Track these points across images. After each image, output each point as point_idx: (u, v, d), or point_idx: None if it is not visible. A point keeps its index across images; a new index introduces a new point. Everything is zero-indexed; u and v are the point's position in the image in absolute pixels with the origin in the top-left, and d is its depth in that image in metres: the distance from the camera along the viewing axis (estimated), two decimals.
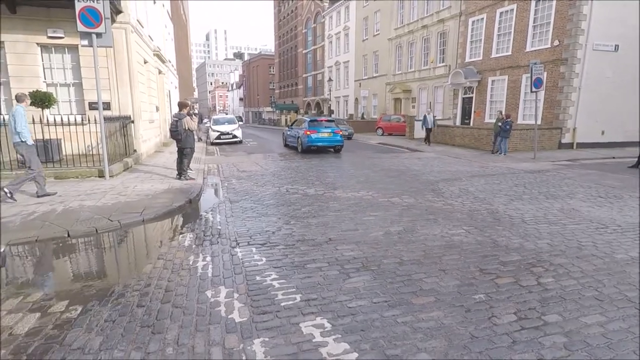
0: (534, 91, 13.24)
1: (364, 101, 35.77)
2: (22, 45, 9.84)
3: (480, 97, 20.61)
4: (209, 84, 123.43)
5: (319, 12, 45.12)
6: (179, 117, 8.65)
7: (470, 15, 20.81)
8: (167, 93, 19.91)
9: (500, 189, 8.10)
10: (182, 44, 40.04)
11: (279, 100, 62.97)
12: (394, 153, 15.78)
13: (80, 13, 7.35)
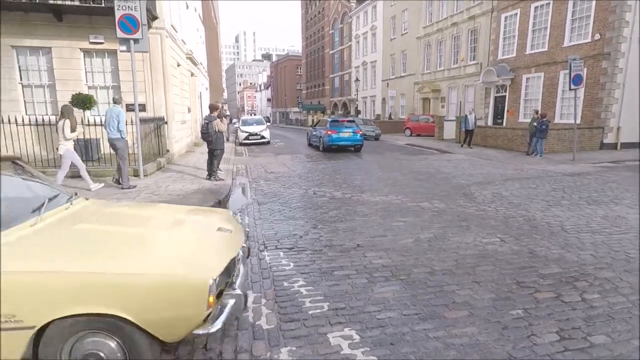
0: (573, 88, 12.62)
1: (391, 101, 35.33)
2: (67, 50, 10.35)
3: (513, 96, 19.89)
4: (238, 84, 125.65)
5: (346, 12, 44.92)
6: (210, 119, 8.83)
7: (503, 10, 20.11)
8: (198, 94, 20.40)
9: (537, 193, 7.76)
10: (213, 46, 40.93)
11: (305, 100, 63.23)
12: (422, 155, 15.49)
13: (120, 20, 7.63)
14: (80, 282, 2.02)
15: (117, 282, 2.05)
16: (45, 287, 1.99)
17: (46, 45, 10.23)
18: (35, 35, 10.06)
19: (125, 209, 3.54)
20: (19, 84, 10.33)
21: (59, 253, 2.20)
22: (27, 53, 10.32)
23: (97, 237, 2.49)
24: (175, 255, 2.39)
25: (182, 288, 2.11)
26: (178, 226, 3.03)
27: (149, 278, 2.09)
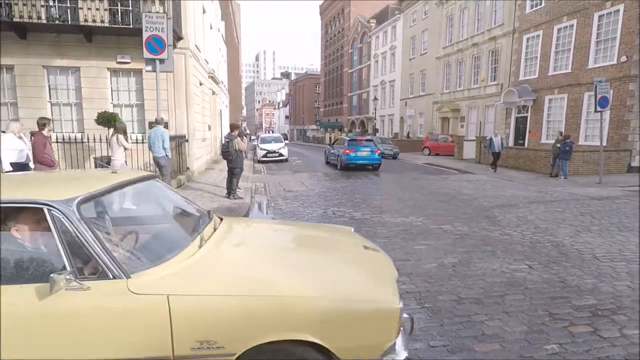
0: (599, 110, 12.30)
1: (409, 120, 35.27)
2: (95, 70, 10.73)
3: (535, 117, 19.56)
4: (257, 102, 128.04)
5: (366, 32, 45.57)
6: (230, 138, 8.93)
7: (525, 32, 20.01)
8: (218, 112, 20.82)
9: (564, 217, 7.48)
10: (234, 65, 42.00)
11: (323, 118, 63.81)
12: (442, 175, 15.27)
13: (147, 41, 7.86)
14: (282, 305, 1.93)
15: (317, 307, 1.96)
16: (248, 311, 1.90)
17: (75, 65, 10.63)
18: (66, 56, 10.49)
19: (268, 227, 3.46)
20: (48, 102, 10.72)
21: (247, 275, 2.13)
22: (57, 72, 10.73)
23: (271, 257, 2.44)
24: (357, 279, 2.30)
25: (377, 314, 2.03)
26: (333, 246, 2.90)
27: (347, 303, 2.00)
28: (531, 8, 19.68)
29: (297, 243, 2.92)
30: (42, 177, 2.91)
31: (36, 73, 10.43)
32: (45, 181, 2.61)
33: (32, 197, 2.03)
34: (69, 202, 2.00)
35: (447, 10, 27.56)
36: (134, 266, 1.99)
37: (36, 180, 2.67)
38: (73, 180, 2.65)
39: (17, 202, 2.04)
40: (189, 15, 11.96)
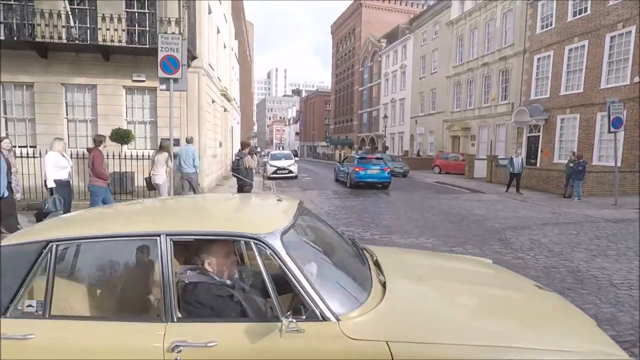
0: (613, 131, 12.14)
1: (419, 138, 35.26)
2: (111, 87, 11.02)
3: (547, 136, 19.39)
4: (268, 118, 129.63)
5: (376, 51, 46.16)
6: (241, 155, 9.02)
7: (535, 52, 20.05)
8: (230, 129, 21.09)
9: (579, 241, 7.30)
10: (246, 82, 42.77)
11: (333, 135, 64.19)
12: (453, 194, 15.12)
13: (162, 61, 8.05)
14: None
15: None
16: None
17: (92, 82, 10.94)
18: (84, 74, 10.81)
19: (416, 259, 3.25)
20: (64, 118, 10.99)
21: (467, 321, 2.00)
22: (74, 90, 11.04)
23: (467, 298, 2.27)
24: (578, 328, 2.10)
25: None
26: (510, 285, 2.66)
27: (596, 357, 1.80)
28: (542, 29, 19.76)
29: (474, 281, 2.63)
30: (225, 208, 2.75)
31: (55, 90, 10.74)
32: (234, 211, 2.58)
33: (238, 230, 1.97)
34: (274, 234, 1.91)
35: (457, 31, 27.82)
36: (337, 306, 1.83)
37: (224, 211, 2.60)
38: (259, 209, 2.61)
39: (224, 234, 1.99)
40: (204, 35, 12.27)
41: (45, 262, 1.89)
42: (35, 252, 1.91)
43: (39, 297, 1.87)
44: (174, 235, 1.95)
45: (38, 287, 1.90)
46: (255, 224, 2.06)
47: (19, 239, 2.09)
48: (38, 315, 1.85)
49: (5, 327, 1.78)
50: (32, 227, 2.35)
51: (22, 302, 1.86)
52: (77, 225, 2.25)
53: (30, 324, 1.81)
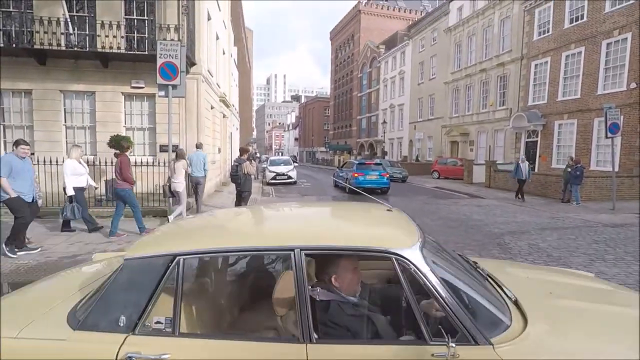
0: (610, 137, 12.19)
1: (418, 143, 35.35)
2: (110, 94, 11.04)
3: (545, 142, 19.46)
4: (267, 124, 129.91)
5: (375, 57, 46.42)
6: (239, 162, 9.02)
7: (533, 58, 20.18)
8: (229, 135, 21.13)
9: (577, 245, 7.30)
10: (245, 88, 42.92)
11: (332, 140, 64.33)
12: (452, 199, 15.13)
13: (161, 68, 8.09)
14: None
15: None
16: None
17: (91, 89, 10.95)
18: (82, 81, 10.82)
19: (528, 271, 2.97)
20: (63, 125, 11.00)
21: None
22: (73, 97, 11.05)
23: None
24: None
25: None
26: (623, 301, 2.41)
27: None
28: (539, 35, 19.92)
29: (602, 299, 2.36)
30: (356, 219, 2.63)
31: (53, 97, 10.76)
32: (364, 225, 2.42)
33: (377, 245, 1.84)
34: (414, 249, 1.80)
35: (455, 37, 28.02)
36: (487, 329, 1.68)
37: (353, 224, 2.46)
38: (386, 222, 2.42)
39: (363, 250, 1.87)
40: (203, 41, 12.33)
41: (172, 277, 1.80)
42: (162, 266, 1.81)
43: (167, 313, 1.77)
44: (308, 250, 1.83)
45: (165, 303, 1.80)
46: (394, 238, 1.95)
47: (142, 251, 1.96)
48: (167, 332, 1.75)
49: (135, 345, 1.69)
50: (152, 239, 2.23)
51: (150, 318, 1.77)
52: (203, 238, 2.11)
53: (160, 343, 1.71)
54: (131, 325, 1.74)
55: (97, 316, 1.78)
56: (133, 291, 1.80)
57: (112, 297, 1.81)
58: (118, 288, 1.82)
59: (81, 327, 1.77)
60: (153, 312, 1.78)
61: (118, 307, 1.77)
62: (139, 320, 1.74)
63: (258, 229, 2.30)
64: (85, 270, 2.87)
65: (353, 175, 16.19)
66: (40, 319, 1.91)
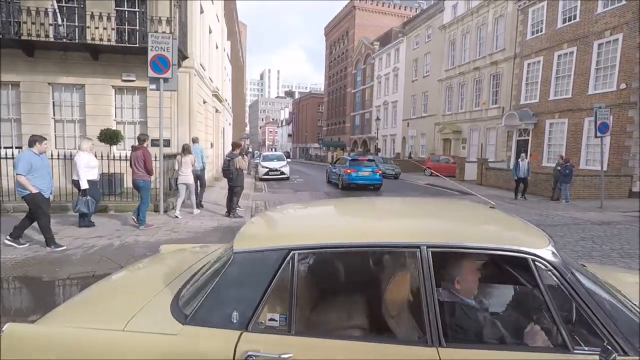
0: (599, 136, 12.35)
1: (411, 140, 35.48)
2: (100, 87, 10.90)
3: (536, 140, 19.65)
4: (261, 120, 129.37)
5: (369, 54, 46.39)
6: (232, 156, 8.96)
7: (526, 57, 20.31)
8: (221, 130, 20.99)
9: (565, 242, 7.40)
10: (238, 83, 42.67)
11: (326, 137, 64.31)
12: (443, 196, 15.23)
13: (152, 61, 8.02)
14: None
15: None
16: None
17: (80, 82, 10.81)
18: (72, 73, 10.67)
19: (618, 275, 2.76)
20: (51, 119, 10.83)
21: None
22: (61, 89, 10.89)
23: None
24: None
25: None
26: None
27: None
28: (532, 34, 20.04)
29: None
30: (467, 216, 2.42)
31: (41, 90, 10.59)
32: (488, 222, 2.21)
33: (511, 245, 1.71)
34: (550, 250, 1.68)
35: (449, 35, 28.09)
36: (629, 336, 1.58)
37: (477, 221, 2.26)
38: (506, 219, 2.24)
39: (496, 249, 1.74)
40: (195, 35, 12.20)
41: (286, 272, 1.72)
42: (275, 261, 1.73)
43: (278, 310, 1.72)
44: (436, 248, 1.72)
45: (277, 299, 1.74)
46: (527, 237, 1.82)
47: (252, 244, 1.86)
48: (282, 330, 1.68)
49: (252, 343, 1.62)
50: (263, 231, 2.13)
51: (263, 315, 1.70)
52: (318, 232, 1.98)
53: (276, 341, 1.64)
54: (244, 322, 1.66)
55: (207, 311, 1.71)
56: (245, 286, 1.73)
57: (223, 292, 1.74)
58: (229, 282, 1.75)
59: (191, 322, 1.71)
60: (266, 308, 1.71)
61: (230, 302, 1.71)
62: (252, 317, 1.67)
63: (375, 224, 2.15)
64: (164, 262, 2.87)
65: (346, 171, 16.22)
66: (142, 312, 1.84)
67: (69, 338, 1.75)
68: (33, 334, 1.80)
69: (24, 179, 5.48)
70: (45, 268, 5.06)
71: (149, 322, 1.78)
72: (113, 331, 1.73)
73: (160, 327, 1.72)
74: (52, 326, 1.85)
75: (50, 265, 5.17)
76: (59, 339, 1.76)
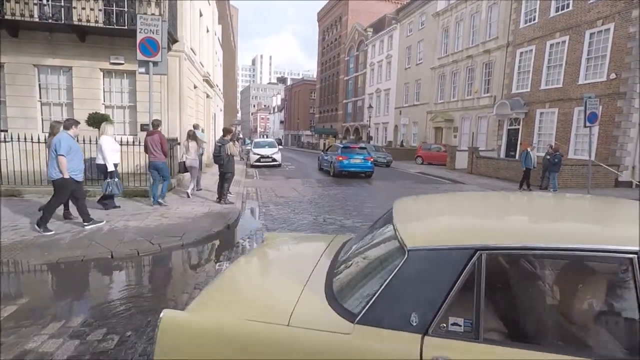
0: (588, 126, 12.46)
1: (403, 129, 35.51)
2: (87, 70, 10.63)
3: (527, 129, 19.81)
4: (252, 106, 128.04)
5: (362, 40, 45.95)
6: (223, 142, 8.89)
7: (518, 46, 20.32)
8: (212, 115, 20.74)
9: None
10: (230, 69, 42.03)
11: (318, 124, 64.01)
12: (434, 184, 15.35)
13: (141, 43, 7.82)
14: None
15: None
16: None
17: (67, 64, 10.52)
18: (58, 55, 10.37)
19: None
20: (37, 102, 10.58)
21: None
22: (48, 72, 10.60)
23: None
24: None
25: None
26: None
27: None
28: (525, 23, 20.02)
29: None
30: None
31: (27, 72, 10.31)
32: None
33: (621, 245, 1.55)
34: None
35: (443, 22, 27.92)
36: None
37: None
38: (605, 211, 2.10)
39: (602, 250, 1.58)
40: (185, 17, 11.94)
41: (472, 274, 1.59)
42: (459, 261, 1.61)
43: (464, 314, 1.57)
44: None
45: (460, 302, 1.60)
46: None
47: (430, 241, 1.73)
48: (468, 336, 1.54)
49: (435, 348, 1.52)
50: (439, 228, 1.98)
51: (444, 319, 1.58)
52: (507, 230, 1.80)
53: (462, 348, 1.52)
54: (424, 325, 1.56)
55: (381, 311, 1.62)
56: (424, 286, 1.62)
57: (397, 292, 1.63)
58: (404, 282, 1.64)
59: (362, 321, 1.62)
60: (447, 312, 1.59)
61: (407, 303, 1.61)
62: (432, 320, 1.56)
63: (568, 226, 1.93)
64: (282, 252, 2.87)
65: (337, 158, 16.24)
66: (300, 307, 1.78)
67: (228, 329, 1.74)
68: (189, 322, 1.80)
69: (65, 160, 5.68)
70: (33, 252, 5.01)
71: (312, 318, 1.72)
72: (277, 325, 1.69)
73: (328, 325, 1.66)
74: (206, 315, 1.84)
75: (39, 249, 5.11)
76: (216, 329, 1.76)
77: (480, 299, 1.56)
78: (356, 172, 16.28)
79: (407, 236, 1.79)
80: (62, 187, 5.84)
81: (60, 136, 5.81)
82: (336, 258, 2.32)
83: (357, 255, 2.19)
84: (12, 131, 9.34)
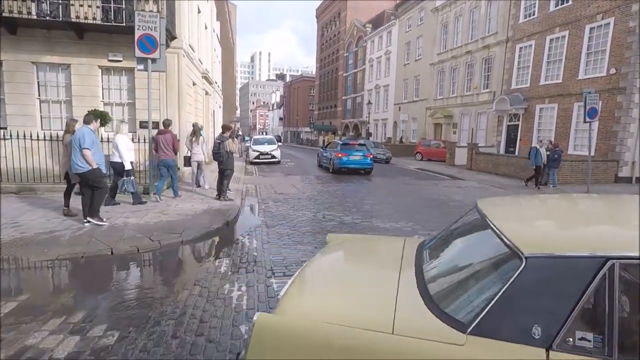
0: (588, 121, 12.45)
1: (402, 125, 35.47)
2: (86, 67, 10.60)
3: (526, 125, 19.79)
4: (251, 103, 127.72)
5: (361, 36, 45.79)
6: (222, 139, 8.88)
7: (518, 41, 20.26)
8: (211, 112, 20.71)
9: None
10: (229, 65, 41.92)
11: (317, 121, 63.89)
12: (433, 180, 15.35)
13: (139, 40, 7.81)
14: None
15: None
16: None
17: (66, 62, 10.48)
18: (56, 52, 10.33)
19: None
20: (36, 99, 10.55)
21: None
22: (46, 69, 10.56)
23: None
24: None
25: None
26: None
27: None
28: (524, 18, 19.95)
29: None
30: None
31: (25, 69, 10.28)
32: None
33: None
34: None
35: (442, 18, 27.82)
36: None
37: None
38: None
39: None
40: (184, 14, 11.90)
41: (602, 285, 1.48)
42: (587, 270, 1.50)
43: (592, 329, 1.48)
44: None
45: (587, 315, 1.51)
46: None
47: (551, 248, 1.62)
48: (598, 353, 1.44)
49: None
50: (567, 233, 1.86)
51: (571, 333, 1.47)
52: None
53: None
54: (549, 339, 1.46)
55: (497, 321, 1.53)
56: (546, 297, 1.53)
57: (515, 301, 1.54)
58: (524, 290, 1.54)
59: (475, 332, 1.53)
60: (573, 325, 1.49)
61: (527, 314, 1.52)
62: (557, 334, 1.46)
63: None
64: (353, 253, 2.84)
65: (337, 155, 16.23)
66: (400, 314, 1.70)
67: (326, 335, 1.68)
68: (283, 325, 1.78)
69: (90, 153, 5.87)
70: (33, 249, 5.02)
71: (417, 326, 1.65)
72: (382, 333, 1.62)
73: (435, 334, 1.58)
74: (302, 319, 1.79)
75: (39, 246, 5.12)
76: (313, 334, 1.70)
77: (613, 313, 1.46)
78: (355, 168, 16.27)
79: (522, 242, 1.68)
80: (96, 176, 6.07)
81: (82, 130, 6.00)
82: (420, 262, 2.23)
83: (451, 260, 2.13)
84: (12, 129, 9.34)
